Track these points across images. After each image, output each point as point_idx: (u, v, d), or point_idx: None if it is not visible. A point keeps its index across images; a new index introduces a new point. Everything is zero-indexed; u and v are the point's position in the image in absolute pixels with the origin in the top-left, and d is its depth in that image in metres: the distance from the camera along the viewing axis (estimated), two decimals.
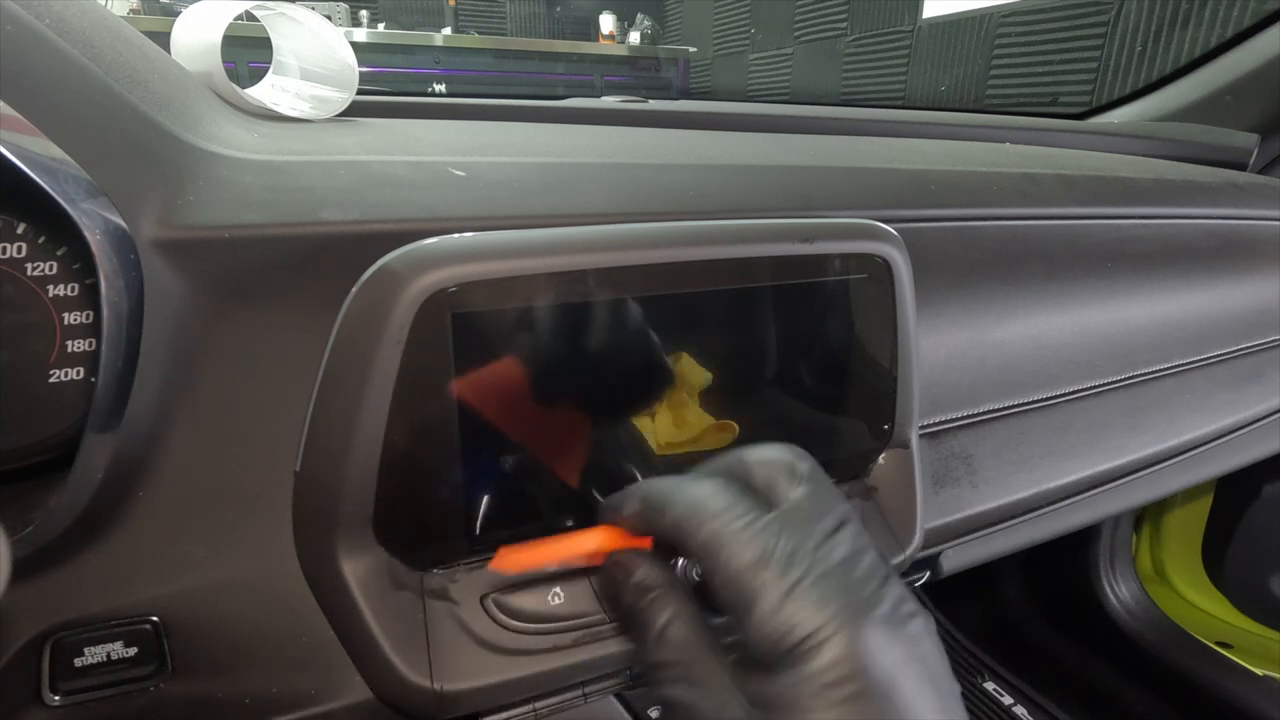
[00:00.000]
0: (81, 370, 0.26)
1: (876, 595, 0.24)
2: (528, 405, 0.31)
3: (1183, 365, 0.57)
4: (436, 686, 0.30)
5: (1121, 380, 0.54)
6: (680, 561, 0.32)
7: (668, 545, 0.28)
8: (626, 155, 0.45)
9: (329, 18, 0.49)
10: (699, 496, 0.27)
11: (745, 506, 0.26)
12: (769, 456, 0.29)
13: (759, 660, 0.24)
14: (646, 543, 0.30)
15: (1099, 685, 0.91)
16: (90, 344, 0.27)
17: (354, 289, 0.29)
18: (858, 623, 0.23)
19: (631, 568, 0.29)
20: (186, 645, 0.28)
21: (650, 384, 0.34)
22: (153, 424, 0.27)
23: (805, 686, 0.22)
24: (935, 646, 0.25)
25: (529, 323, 0.30)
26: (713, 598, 0.26)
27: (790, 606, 0.23)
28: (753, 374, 0.36)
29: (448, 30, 3.11)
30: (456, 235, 0.30)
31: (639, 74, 3.23)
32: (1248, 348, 0.61)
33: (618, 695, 0.39)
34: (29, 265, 0.26)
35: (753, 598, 0.24)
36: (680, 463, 0.35)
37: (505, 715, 0.35)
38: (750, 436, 0.36)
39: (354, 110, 0.49)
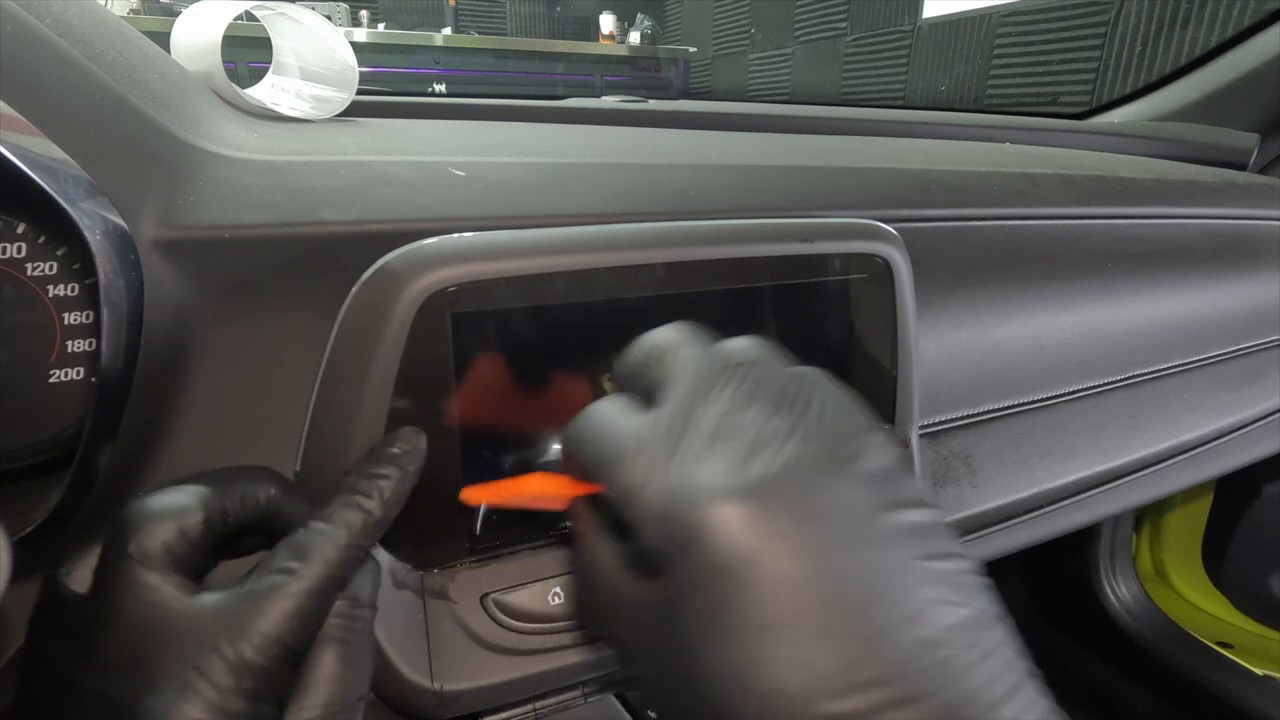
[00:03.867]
0: (81, 370, 0.26)
1: (757, 462, 0.21)
2: (528, 405, 0.31)
3: (1182, 365, 0.57)
4: (436, 686, 0.30)
5: (1121, 380, 0.54)
6: None
7: None
8: (626, 155, 0.45)
9: (329, 18, 0.49)
10: (582, 422, 0.25)
11: (626, 410, 0.24)
12: (635, 349, 0.26)
13: (657, 567, 0.22)
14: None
15: (1099, 685, 0.92)
16: (90, 344, 0.27)
17: (354, 289, 0.29)
18: (736, 501, 0.20)
19: (572, 516, 0.27)
20: None
21: None
22: (153, 424, 0.27)
23: (695, 585, 0.20)
24: (864, 489, 0.21)
25: (529, 323, 0.30)
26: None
27: (663, 501, 0.21)
28: None
29: (448, 30, 3.11)
30: (456, 235, 0.30)
31: (639, 74, 3.23)
32: (1247, 348, 0.61)
33: (618, 695, 0.39)
34: (29, 265, 0.26)
35: (630, 502, 0.22)
36: None
37: (505, 715, 0.35)
38: None
39: (354, 110, 0.49)
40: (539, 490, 0.27)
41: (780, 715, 0.19)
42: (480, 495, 0.29)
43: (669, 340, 0.25)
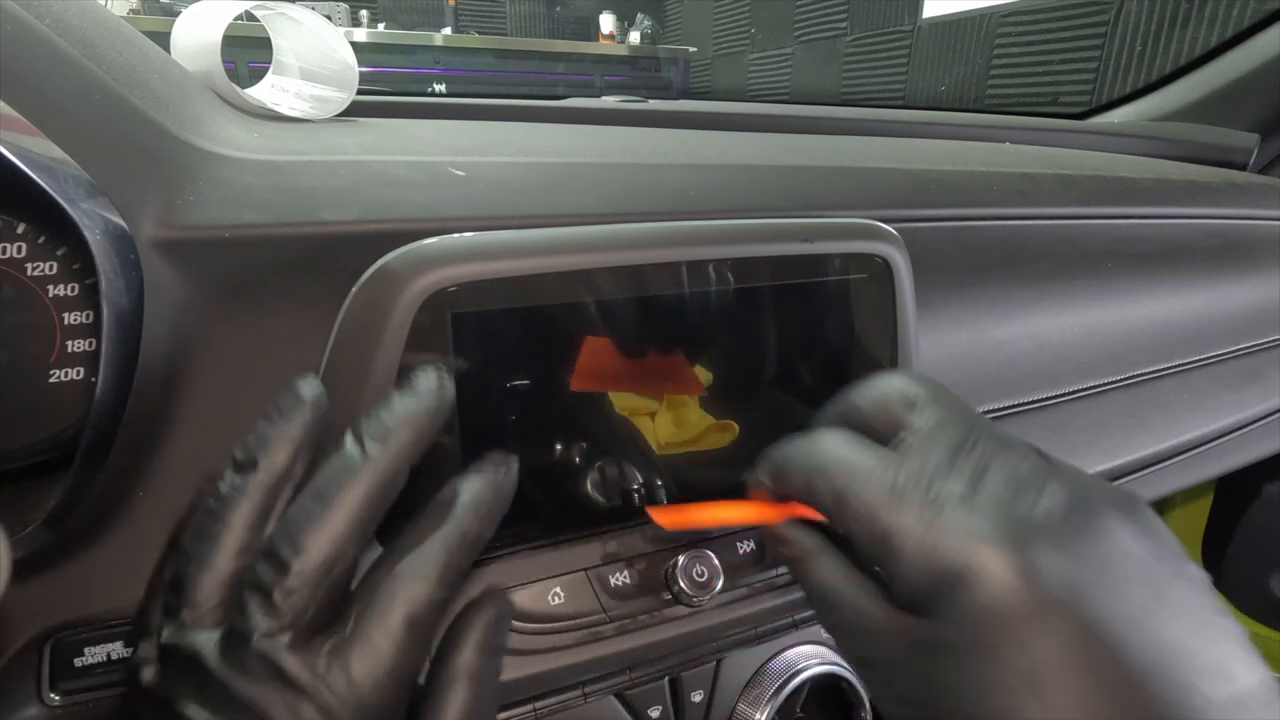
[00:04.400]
0: (81, 370, 0.26)
1: (1033, 503, 0.21)
2: (528, 405, 0.31)
3: (1182, 365, 0.57)
4: None
5: (1121, 380, 0.54)
6: None
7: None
8: (626, 155, 0.45)
9: (329, 18, 0.49)
10: (820, 453, 0.25)
11: (865, 447, 0.24)
12: (877, 391, 0.26)
13: (918, 604, 0.22)
14: (796, 510, 0.28)
15: None
16: (90, 344, 0.27)
17: (354, 289, 0.29)
18: (1015, 541, 0.20)
19: (783, 538, 0.27)
20: None
21: (649, 384, 0.34)
22: (153, 424, 0.27)
23: (966, 626, 0.20)
24: (1142, 538, 0.20)
25: (529, 322, 0.30)
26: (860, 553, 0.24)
27: (932, 540, 0.21)
28: (753, 374, 0.36)
29: (448, 30, 3.11)
30: (456, 235, 0.30)
31: (639, 74, 3.23)
32: (1247, 348, 0.61)
33: (618, 695, 0.39)
34: (29, 265, 0.26)
35: (893, 541, 0.22)
36: (683, 463, 0.35)
37: (505, 715, 0.35)
38: (750, 436, 0.36)
39: (354, 110, 0.49)
40: (733, 518, 0.28)
41: None
42: (667, 519, 0.29)
43: (919, 390, 0.25)
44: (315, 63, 0.49)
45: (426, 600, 0.22)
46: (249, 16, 0.46)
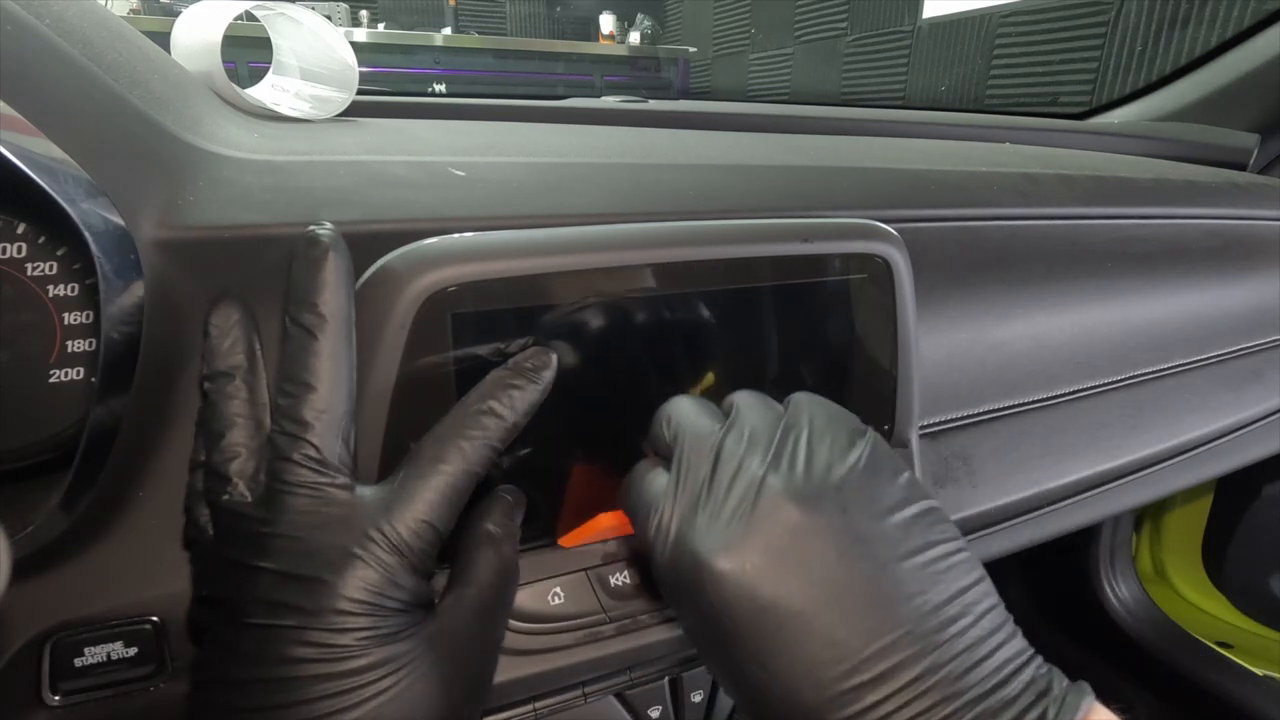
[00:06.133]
0: (81, 370, 0.26)
1: (737, 520, 0.25)
2: None
3: (1182, 365, 0.57)
4: None
5: (1121, 380, 0.54)
6: None
7: None
8: (626, 155, 0.45)
9: (329, 18, 0.49)
10: (624, 485, 0.31)
11: (653, 475, 0.29)
12: (653, 428, 0.31)
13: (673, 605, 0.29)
14: None
15: (1099, 685, 0.91)
16: (90, 344, 0.27)
17: (354, 289, 0.29)
18: (723, 551, 0.25)
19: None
20: (186, 645, 0.28)
21: (650, 384, 0.34)
22: (152, 424, 0.27)
23: (700, 621, 0.26)
24: (838, 520, 0.25)
25: (529, 323, 0.30)
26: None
27: (666, 558, 0.27)
28: (753, 374, 0.36)
29: (448, 30, 3.11)
30: (456, 235, 0.30)
31: (639, 74, 3.23)
32: (1248, 348, 0.61)
33: (618, 695, 0.39)
34: (29, 265, 0.26)
35: (651, 561, 0.28)
36: None
37: (505, 715, 0.35)
38: None
39: (354, 110, 0.49)
40: (612, 525, 0.32)
41: (780, 700, 0.24)
42: (575, 540, 0.33)
43: (671, 414, 0.30)
44: (315, 63, 0.49)
45: (463, 471, 0.27)
46: (249, 16, 0.47)
